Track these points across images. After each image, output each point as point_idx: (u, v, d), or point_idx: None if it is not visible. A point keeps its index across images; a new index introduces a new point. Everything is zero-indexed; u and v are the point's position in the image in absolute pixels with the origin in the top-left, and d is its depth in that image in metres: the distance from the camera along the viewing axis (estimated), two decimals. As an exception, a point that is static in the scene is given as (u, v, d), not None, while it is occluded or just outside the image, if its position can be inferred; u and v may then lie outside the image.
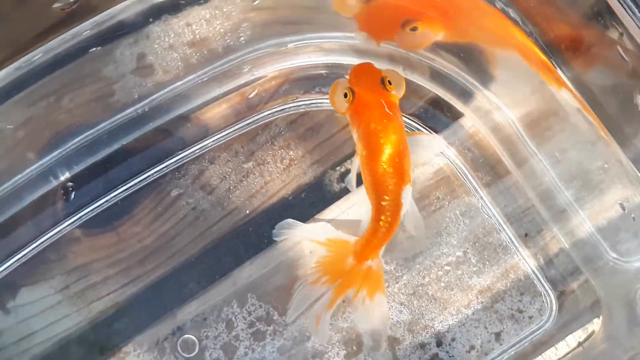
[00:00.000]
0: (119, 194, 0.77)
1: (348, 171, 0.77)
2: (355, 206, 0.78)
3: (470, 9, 0.75)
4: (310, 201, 0.78)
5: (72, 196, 0.77)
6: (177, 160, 0.78)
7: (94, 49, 0.75)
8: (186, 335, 0.75)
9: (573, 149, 0.77)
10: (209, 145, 0.79)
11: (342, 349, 0.75)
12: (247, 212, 0.78)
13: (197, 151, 0.79)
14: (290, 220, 0.75)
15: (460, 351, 0.76)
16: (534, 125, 0.78)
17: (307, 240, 0.76)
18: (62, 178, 0.77)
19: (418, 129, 0.80)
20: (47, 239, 0.76)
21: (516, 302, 0.77)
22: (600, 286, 0.77)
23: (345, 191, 0.78)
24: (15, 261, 0.75)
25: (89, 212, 0.77)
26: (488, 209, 0.79)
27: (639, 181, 0.72)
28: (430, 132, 0.80)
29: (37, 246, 0.76)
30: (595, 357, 0.77)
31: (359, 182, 0.72)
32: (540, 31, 0.73)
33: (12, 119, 0.75)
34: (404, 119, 0.80)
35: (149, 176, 0.78)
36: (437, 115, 0.81)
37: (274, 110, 0.79)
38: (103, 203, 0.77)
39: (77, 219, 0.77)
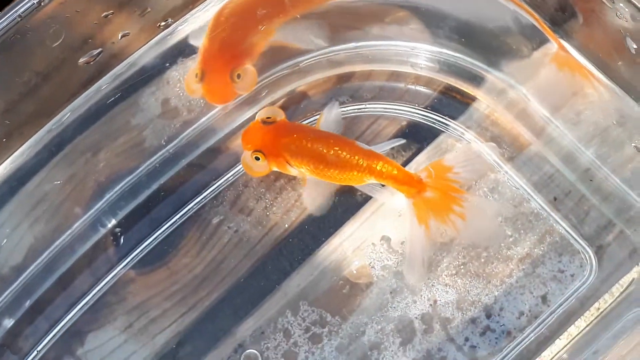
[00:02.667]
0: (164, 230, 0.88)
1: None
2: (383, 205, 0.88)
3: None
4: (343, 207, 0.88)
5: (122, 240, 0.88)
6: (214, 189, 0.89)
7: (121, 103, 0.86)
8: (248, 350, 0.84)
9: (587, 109, 0.86)
10: (241, 170, 0.89)
11: (397, 337, 0.84)
12: (286, 226, 0.88)
13: (230, 178, 0.89)
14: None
15: (510, 319, 0.84)
16: (546, 95, 0.87)
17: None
18: (110, 225, 0.88)
19: (436, 120, 0.90)
20: (104, 284, 0.87)
21: (556, 263, 0.85)
22: (635, 234, 0.86)
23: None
24: (79, 310, 0.86)
25: (139, 252, 0.87)
26: (514, 181, 0.88)
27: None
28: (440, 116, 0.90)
29: (96, 292, 0.86)
30: (637, 298, 0.84)
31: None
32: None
33: (57, 178, 0.86)
34: (419, 111, 0.90)
35: (189, 209, 0.88)
36: (451, 104, 0.91)
37: (297, 126, 0.87)
38: (151, 242, 0.88)
39: (130, 261, 0.87)
